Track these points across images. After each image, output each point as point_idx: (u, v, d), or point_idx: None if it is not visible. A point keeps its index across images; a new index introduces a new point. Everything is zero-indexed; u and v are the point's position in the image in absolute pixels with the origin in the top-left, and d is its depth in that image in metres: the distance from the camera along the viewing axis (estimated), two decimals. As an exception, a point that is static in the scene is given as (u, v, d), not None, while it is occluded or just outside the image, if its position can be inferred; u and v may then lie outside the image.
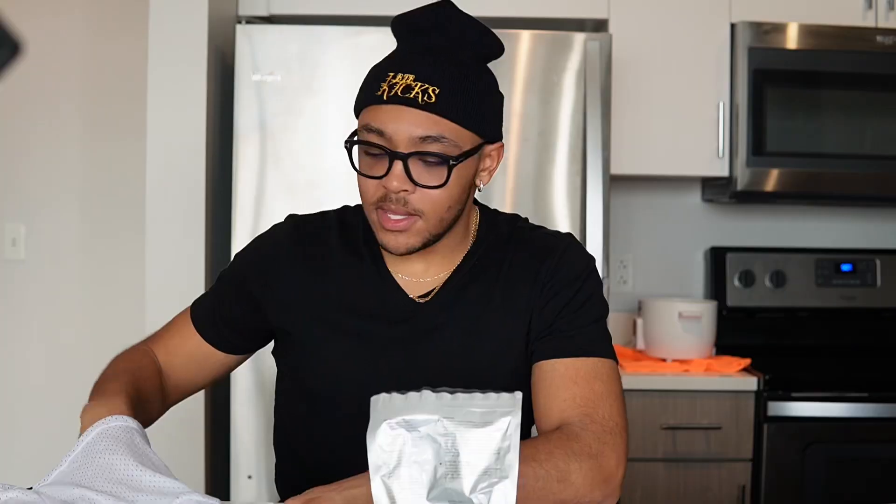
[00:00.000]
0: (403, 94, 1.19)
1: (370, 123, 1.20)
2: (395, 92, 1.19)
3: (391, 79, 1.20)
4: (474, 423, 1.01)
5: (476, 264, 1.31)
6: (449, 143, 1.19)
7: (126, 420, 1.12)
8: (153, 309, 2.39)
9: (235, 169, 2.40)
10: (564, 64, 2.43)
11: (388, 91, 1.19)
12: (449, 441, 1.00)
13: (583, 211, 2.42)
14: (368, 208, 1.24)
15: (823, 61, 2.68)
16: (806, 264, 2.98)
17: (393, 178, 1.19)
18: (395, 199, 1.20)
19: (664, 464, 2.51)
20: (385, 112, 1.19)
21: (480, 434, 1.00)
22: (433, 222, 1.22)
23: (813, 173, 2.71)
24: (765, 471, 2.49)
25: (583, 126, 2.42)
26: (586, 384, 1.22)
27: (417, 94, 1.18)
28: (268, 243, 1.36)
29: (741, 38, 2.67)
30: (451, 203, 1.23)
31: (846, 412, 2.50)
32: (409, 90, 1.19)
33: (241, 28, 2.40)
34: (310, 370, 1.30)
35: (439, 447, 1.00)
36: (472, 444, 1.00)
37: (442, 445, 0.99)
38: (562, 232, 1.39)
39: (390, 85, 1.20)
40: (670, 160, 2.75)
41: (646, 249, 3.10)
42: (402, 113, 1.19)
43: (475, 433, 1.00)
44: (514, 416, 1.02)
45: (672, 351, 2.67)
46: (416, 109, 1.18)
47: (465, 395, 1.03)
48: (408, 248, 1.23)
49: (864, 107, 2.72)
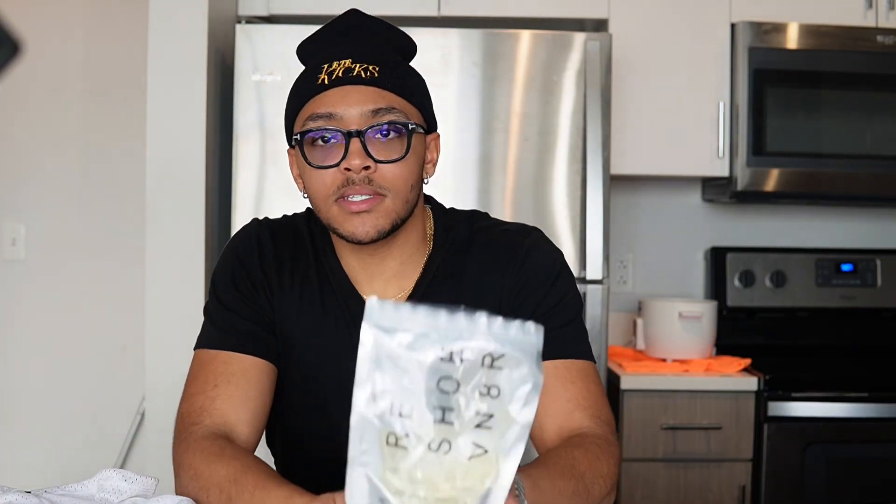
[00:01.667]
0: (346, 74, 1.17)
1: (316, 111, 1.18)
2: (337, 75, 1.17)
3: (328, 67, 1.19)
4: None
5: (436, 275, 1.26)
6: (400, 113, 1.18)
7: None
8: (153, 309, 2.39)
9: (235, 169, 2.39)
10: (564, 64, 2.43)
11: (329, 76, 1.18)
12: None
13: (583, 211, 2.42)
14: (328, 204, 1.19)
15: (824, 61, 2.67)
16: (806, 264, 2.97)
17: (353, 156, 1.15)
18: (359, 180, 1.16)
19: (664, 464, 2.51)
20: (330, 95, 1.17)
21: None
22: (399, 202, 1.18)
23: (813, 173, 2.71)
24: (765, 471, 2.48)
25: (583, 126, 2.42)
26: (583, 384, 1.22)
27: (359, 72, 1.17)
28: (248, 246, 1.29)
29: (741, 37, 2.67)
30: (413, 180, 1.20)
31: (846, 412, 2.49)
32: (350, 71, 1.18)
33: (241, 28, 2.40)
34: (289, 379, 1.27)
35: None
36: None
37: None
38: (526, 226, 1.33)
39: (329, 72, 1.18)
40: (670, 160, 2.75)
41: (646, 249, 3.09)
42: (347, 91, 1.17)
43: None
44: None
45: (672, 351, 2.66)
46: (361, 86, 1.17)
47: (468, 320, 0.78)
48: (377, 229, 1.17)
49: (864, 106, 2.71)
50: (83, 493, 1.09)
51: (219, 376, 1.20)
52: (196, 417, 1.18)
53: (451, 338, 0.76)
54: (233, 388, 1.19)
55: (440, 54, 2.39)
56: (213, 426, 1.17)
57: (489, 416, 0.76)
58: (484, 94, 2.41)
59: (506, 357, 0.76)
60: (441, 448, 0.76)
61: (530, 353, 0.77)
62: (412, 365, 0.76)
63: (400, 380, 0.76)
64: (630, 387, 2.51)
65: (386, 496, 0.76)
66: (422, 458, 0.76)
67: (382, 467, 0.76)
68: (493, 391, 0.76)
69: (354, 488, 0.76)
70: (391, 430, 0.75)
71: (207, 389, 1.19)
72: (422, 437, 0.76)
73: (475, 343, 0.77)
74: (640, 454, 2.50)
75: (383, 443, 0.76)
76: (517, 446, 0.77)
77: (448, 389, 0.76)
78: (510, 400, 0.76)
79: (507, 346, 0.77)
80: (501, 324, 0.77)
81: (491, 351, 0.76)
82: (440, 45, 2.39)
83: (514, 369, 0.77)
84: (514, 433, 0.77)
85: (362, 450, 0.76)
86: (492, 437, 0.76)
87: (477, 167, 2.42)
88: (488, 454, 0.76)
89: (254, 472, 1.07)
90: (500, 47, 2.41)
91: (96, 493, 1.09)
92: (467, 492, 0.77)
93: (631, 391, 2.51)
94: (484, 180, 2.43)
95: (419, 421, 0.76)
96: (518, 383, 0.77)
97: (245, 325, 1.24)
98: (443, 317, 0.76)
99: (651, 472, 2.51)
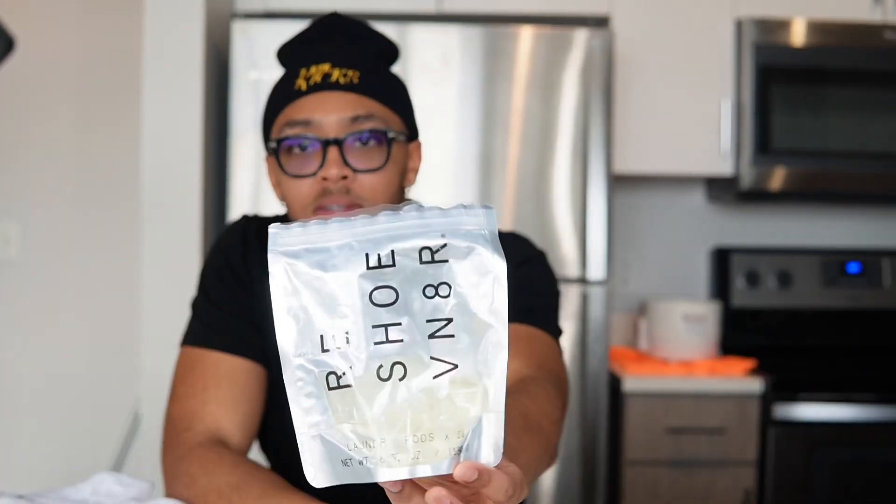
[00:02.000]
0: (324, 80, 1.14)
1: (293, 118, 1.14)
2: (315, 81, 1.14)
3: (306, 72, 1.15)
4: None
5: None
6: (380, 120, 1.14)
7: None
8: (149, 309, 2.37)
9: (231, 167, 2.38)
10: (566, 61, 2.40)
11: (307, 82, 1.14)
12: None
13: (585, 210, 2.39)
14: (305, 214, 1.15)
15: (830, 58, 2.65)
16: (812, 264, 2.94)
17: (330, 165, 1.12)
18: (337, 190, 1.13)
19: (667, 467, 2.48)
20: (307, 101, 1.14)
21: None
22: None
23: (819, 172, 2.69)
24: (770, 475, 2.46)
25: (584, 124, 2.39)
26: (527, 343, 1.12)
27: (338, 78, 1.14)
28: (234, 242, 1.27)
29: (746, 34, 2.64)
30: (393, 190, 1.17)
31: (853, 415, 2.47)
32: (329, 76, 1.14)
33: (238, 24, 2.37)
34: (272, 380, 1.23)
35: None
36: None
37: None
38: (513, 232, 1.29)
39: (307, 77, 1.15)
40: (674, 159, 2.72)
41: (649, 249, 3.06)
42: (326, 98, 1.14)
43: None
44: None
45: (675, 352, 2.64)
46: (339, 92, 1.14)
47: (391, 218, 0.64)
48: None
49: (871, 104, 2.69)
50: (77, 496, 1.07)
51: (208, 379, 1.17)
52: (188, 423, 1.14)
53: (376, 242, 0.62)
54: (223, 392, 1.16)
55: (440, 52, 2.36)
56: (206, 432, 1.13)
57: (445, 322, 0.62)
58: (484, 92, 2.38)
59: (448, 247, 0.62)
60: (394, 373, 0.61)
61: (481, 237, 0.63)
62: (336, 286, 0.62)
63: (326, 308, 0.62)
64: (632, 389, 2.48)
65: (349, 454, 0.62)
66: (375, 393, 0.61)
67: (334, 420, 0.62)
68: (443, 289, 0.62)
69: (309, 459, 0.62)
70: (329, 369, 0.62)
71: (197, 393, 1.16)
72: (369, 366, 0.61)
73: (407, 241, 0.62)
74: (642, 457, 2.47)
75: (325, 389, 0.62)
76: (497, 355, 0.62)
77: (385, 301, 0.62)
78: (468, 298, 0.62)
79: (448, 236, 0.62)
80: (437, 211, 0.63)
81: (428, 244, 0.62)
82: (440, 43, 2.37)
83: (462, 260, 0.62)
84: (488, 340, 0.62)
85: (305, 409, 0.62)
86: (458, 347, 0.62)
87: (477, 166, 2.40)
88: (461, 370, 0.62)
89: (258, 480, 1.03)
90: (500, 44, 2.38)
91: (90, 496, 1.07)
92: (450, 422, 0.62)
93: (633, 393, 2.48)
94: (484, 179, 2.40)
95: (359, 348, 0.61)
96: (473, 275, 0.62)
97: (232, 322, 1.20)
98: (359, 223, 0.63)
99: (654, 475, 2.48)
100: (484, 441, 0.62)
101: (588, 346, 2.41)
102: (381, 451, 0.61)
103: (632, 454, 2.48)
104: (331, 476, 0.62)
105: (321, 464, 0.62)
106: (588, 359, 2.41)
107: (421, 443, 0.61)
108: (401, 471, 0.61)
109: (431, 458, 0.61)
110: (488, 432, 0.62)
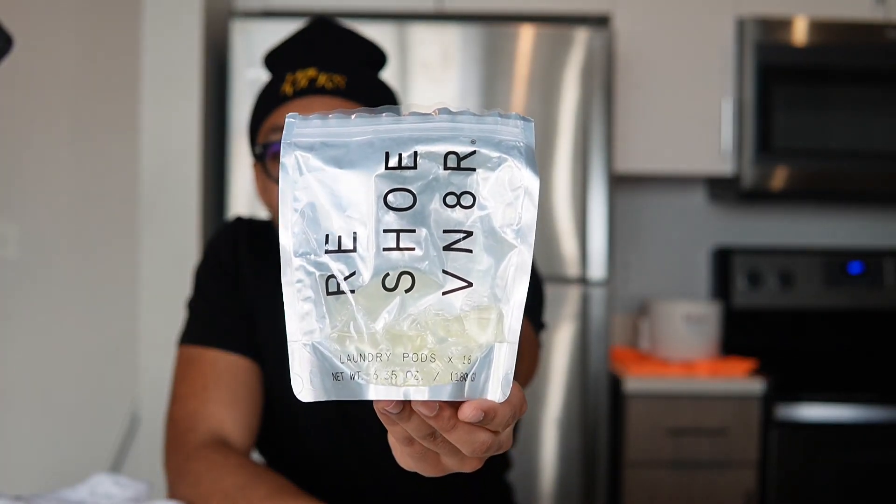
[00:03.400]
0: (310, 85, 1.14)
1: (279, 123, 1.14)
2: (301, 86, 1.14)
3: (292, 77, 1.16)
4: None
5: None
6: None
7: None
8: (147, 309, 2.36)
9: (230, 167, 2.37)
10: (566, 60, 2.39)
11: (293, 87, 1.15)
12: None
13: (585, 210, 2.38)
14: None
15: (832, 57, 2.64)
16: (814, 264, 2.93)
17: None
18: None
19: (668, 468, 2.47)
20: (294, 106, 1.14)
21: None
22: None
23: (821, 171, 2.68)
24: (772, 476, 2.45)
25: (585, 124, 2.38)
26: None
27: (324, 83, 1.14)
28: (226, 242, 1.27)
29: (748, 33, 2.63)
30: None
31: (855, 416, 2.46)
32: (315, 81, 1.15)
33: (237, 23, 2.36)
34: (267, 378, 1.23)
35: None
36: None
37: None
38: None
39: (293, 82, 1.15)
40: (675, 158, 2.72)
41: (650, 249, 3.05)
42: (312, 102, 1.14)
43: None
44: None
45: (677, 353, 2.63)
46: (326, 97, 1.14)
47: (420, 118, 0.58)
48: None
49: (873, 103, 2.68)
50: (74, 497, 1.07)
51: (208, 378, 1.16)
52: (190, 423, 1.14)
53: (399, 142, 0.56)
54: (223, 391, 1.15)
55: (440, 50, 2.36)
56: (210, 432, 1.13)
57: (465, 235, 0.55)
58: (484, 91, 2.37)
59: (478, 155, 0.56)
60: (401, 284, 0.55)
61: (515, 149, 0.56)
62: (351, 184, 0.56)
63: (335, 206, 0.56)
64: (633, 389, 2.47)
65: (341, 368, 0.55)
66: (378, 303, 0.55)
67: (329, 329, 0.56)
68: (466, 199, 0.56)
69: (298, 370, 0.56)
70: (330, 273, 0.56)
71: (198, 392, 1.15)
72: (375, 274, 0.55)
73: (433, 144, 0.56)
74: (643, 458, 2.46)
75: (323, 294, 0.56)
76: (519, 280, 0.55)
77: (401, 205, 0.56)
78: (493, 213, 0.55)
79: (479, 143, 0.56)
80: (471, 116, 0.57)
81: (455, 150, 0.56)
82: (440, 41, 2.36)
83: (491, 170, 0.56)
84: (510, 262, 0.55)
85: (301, 314, 0.57)
86: (475, 265, 0.55)
87: (477, 165, 2.38)
88: (475, 290, 0.55)
89: (264, 481, 1.03)
90: (500, 43, 2.37)
91: (87, 498, 1.07)
92: (457, 346, 0.55)
93: (634, 394, 2.47)
94: (484, 178, 2.39)
95: (367, 253, 0.55)
96: (501, 189, 0.55)
97: (227, 319, 1.20)
98: (384, 120, 0.57)
99: (655, 476, 2.47)
100: (493, 373, 0.54)
101: (589, 346, 2.40)
102: (376, 366, 0.55)
103: (632, 455, 2.46)
104: (319, 391, 0.55)
105: (310, 376, 0.56)
106: (589, 359, 2.40)
107: (421, 363, 0.55)
108: (394, 391, 0.55)
109: (430, 382, 0.54)
110: (498, 364, 0.55)
